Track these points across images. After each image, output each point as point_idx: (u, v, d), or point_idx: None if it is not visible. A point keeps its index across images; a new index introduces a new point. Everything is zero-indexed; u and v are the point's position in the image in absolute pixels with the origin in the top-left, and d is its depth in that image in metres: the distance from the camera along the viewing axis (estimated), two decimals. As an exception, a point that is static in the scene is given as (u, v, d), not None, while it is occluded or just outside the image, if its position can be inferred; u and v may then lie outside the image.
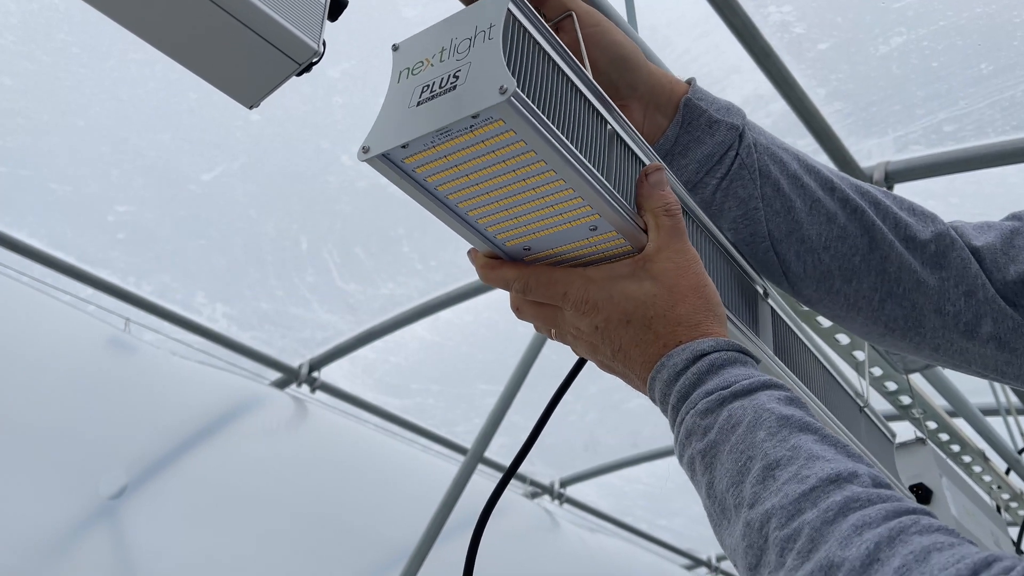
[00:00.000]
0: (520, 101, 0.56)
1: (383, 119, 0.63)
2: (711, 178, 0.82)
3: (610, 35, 0.80)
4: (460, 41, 0.61)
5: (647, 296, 0.67)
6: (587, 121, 0.66)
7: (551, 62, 0.64)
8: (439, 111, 0.59)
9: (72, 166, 2.11)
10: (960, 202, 2.14)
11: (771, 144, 0.84)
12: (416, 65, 0.63)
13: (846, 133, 1.92)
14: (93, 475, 2.26)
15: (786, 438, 0.55)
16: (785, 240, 0.83)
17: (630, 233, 0.68)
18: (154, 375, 2.50)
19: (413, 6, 1.79)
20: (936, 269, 0.86)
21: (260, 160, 2.16)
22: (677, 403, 0.63)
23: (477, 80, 0.58)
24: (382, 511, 3.01)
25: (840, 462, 0.52)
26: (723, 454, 0.57)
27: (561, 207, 0.65)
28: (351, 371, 2.97)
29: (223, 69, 0.57)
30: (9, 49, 1.83)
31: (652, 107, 0.82)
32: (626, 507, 4.09)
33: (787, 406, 0.58)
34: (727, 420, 0.58)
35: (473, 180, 0.63)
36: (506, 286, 0.72)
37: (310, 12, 0.58)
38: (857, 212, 0.85)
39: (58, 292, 2.33)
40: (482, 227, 0.68)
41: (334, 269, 2.53)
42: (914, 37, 1.69)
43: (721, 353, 0.63)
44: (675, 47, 1.86)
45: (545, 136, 0.59)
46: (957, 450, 1.91)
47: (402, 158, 0.62)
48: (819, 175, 0.85)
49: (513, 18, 0.61)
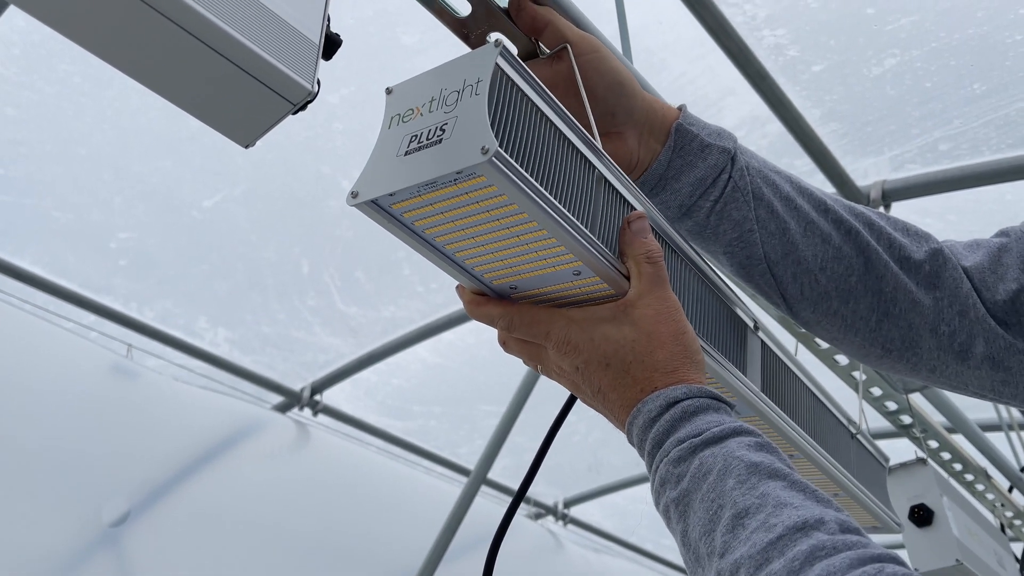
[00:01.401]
0: (501, 160, 0.58)
1: (372, 165, 0.64)
2: (705, 201, 0.83)
3: (607, 62, 0.81)
4: (449, 93, 0.62)
5: (626, 341, 0.68)
6: (574, 168, 0.68)
7: (538, 113, 0.65)
8: (425, 164, 0.60)
9: (74, 194, 2.13)
10: (958, 220, 2.15)
11: (763, 167, 0.85)
12: (407, 112, 0.65)
13: (842, 153, 1.93)
14: (96, 501, 2.26)
15: (755, 485, 0.55)
16: (781, 262, 0.84)
17: (612, 280, 0.69)
18: (156, 401, 2.50)
19: (411, 34, 1.81)
20: (931, 289, 0.87)
21: (261, 186, 2.17)
22: (652, 450, 0.64)
23: (462, 136, 0.59)
24: (385, 534, 3.00)
25: (808, 508, 0.53)
26: (695, 503, 0.58)
27: (545, 253, 0.66)
28: (353, 394, 2.97)
29: (218, 109, 0.58)
30: (12, 80, 1.85)
31: (647, 132, 0.83)
32: (630, 527, 4.07)
33: (756, 452, 0.59)
34: (698, 468, 0.59)
35: (459, 226, 0.65)
36: (491, 323, 0.74)
37: (304, 52, 0.59)
38: (852, 233, 0.85)
39: (61, 319, 2.34)
40: (469, 267, 0.70)
41: (335, 292, 2.54)
42: (907, 58, 1.71)
43: (694, 400, 0.64)
44: (671, 70, 1.88)
45: (527, 192, 0.60)
46: (959, 469, 1.90)
47: (390, 204, 0.64)
48: (812, 197, 0.86)
49: (501, 72, 0.62)
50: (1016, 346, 0.86)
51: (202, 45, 0.53)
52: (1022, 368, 0.87)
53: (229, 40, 0.54)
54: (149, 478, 2.42)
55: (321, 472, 2.94)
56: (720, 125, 0.87)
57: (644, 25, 1.73)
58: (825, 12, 1.66)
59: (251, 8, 0.56)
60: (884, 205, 1.98)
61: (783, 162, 2.02)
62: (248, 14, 0.55)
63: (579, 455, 3.42)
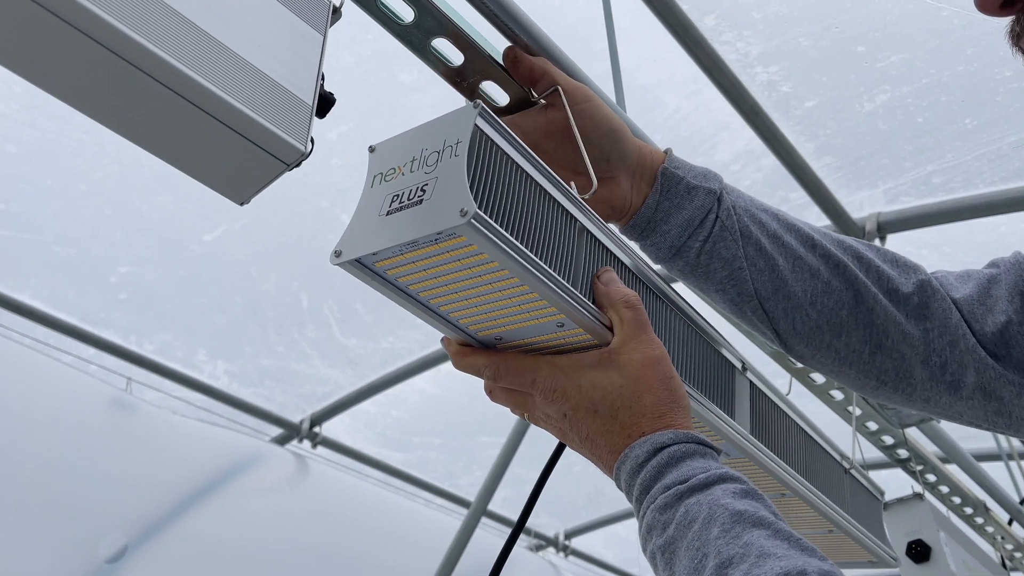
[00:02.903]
0: (480, 222, 0.59)
1: (355, 224, 0.65)
2: (694, 241, 0.85)
3: (601, 110, 0.84)
4: (429, 153, 0.63)
5: (613, 386, 0.68)
6: (555, 221, 0.69)
7: (518, 170, 0.66)
8: (406, 224, 0.61)
9: (75, 229, 2.14)
10: (953, 251, 2.16)
11: (750, 206, 0.87)
12: (389, 172, 0.66)
13: (837, 186, 1.95)
14: (93, 536, 2.25)
15: (739, 535, 0.56)
16: (772, 298, 0.85)
17: (595, 331, 0.70)
18: (155, 434, 2.50)
19: (408, 72, 1.83)
20: (920, 320, 0.87)
21: (260, 220, 2.19)
22: (640, 495, 0.64)
23: (442, 198, 0.60)
24: (385, 567, 2.98)
25: (791, 559, 0.53)
26: (680, 550, 0.58)
27: (528, 306, 0.67)
28: (352, 425, 2.97)
29: (213, 169, 0.60)
30: (13, 117, 1.88)
31: (638, 176, 0.85)
32: (632, 557, 4.04)
33: (741, 500, 0.59)
34: (684, 516, 0.59)
35: (442, 282, 0.65)
36: (478, 373, 0.74)
37: (297, 113, 0.60)
38: (840, 267, 0.87)
39: (60, 353, 2.35)
40: (454, 319, 0.70)
41: (334, 324, 2.55)
42: (899, 94, 1.73)
43: (680, 446, 0.64)
44: (666, 106, 1.90)
45: (507, 252, 0.61)
46: (958, 502, 1.90)
47: (373, 263, 0.64)
48: (800, 232, 0.88)
49: (480, 133, 0.63)
50: (1006, 376, 0.87)
51: (196, 109, 0.55)
52: (1014, 398, 0.88)
53: (222, 104, 0.55)
54: (147, 512, 2.41)
55: (321, 504, 2.93)
56: (714, 160, 0.89)
57: (638, 63, 1.75)
58: (816, 50, 1.69)
59: (244, 71, 0.57)
60: (880, 237, 1.99)
61: (777, 195, 2.03)
62: (241, 77, 0.57)
63: (579, 486, 3.41)
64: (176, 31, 0.53)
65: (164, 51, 0.51)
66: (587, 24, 1.58)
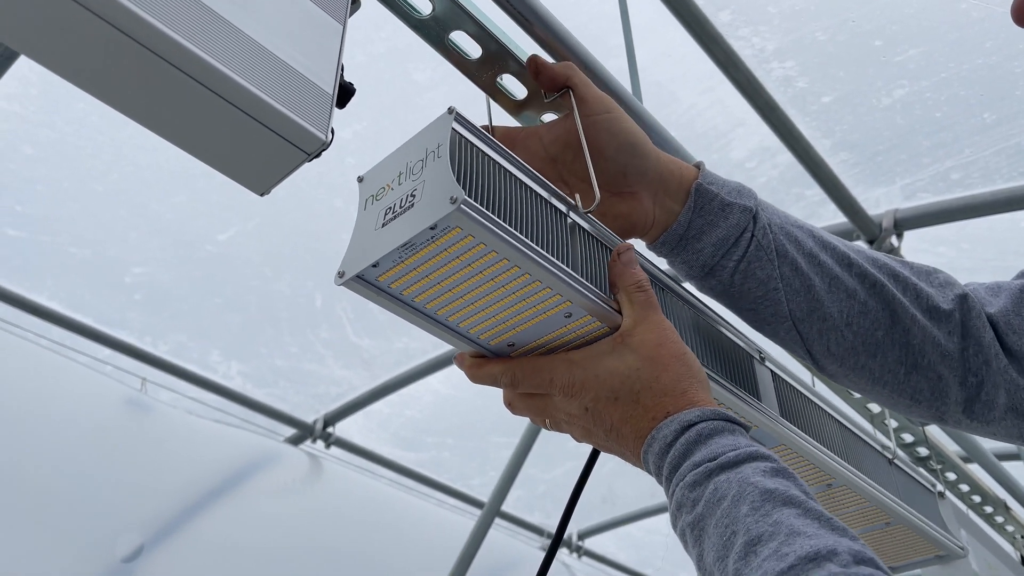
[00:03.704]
0: (470, 207, 0.60)
1: (354, 245, 0.66)
2: (728, 260, 0.83)
3: (620, 123, 0.81)
4: (414, 163, 0.65)
5: (630, 370, 0.67)
6: (543, 217, 0.69)
7: (501, 169, 0.68)
8: (401, 228, 0.63)
9: (91, 230, 2.15)
10: (972, 248, 2.14)
11: (785, 223, 0.85)
12: (379, 191, 0.67)
13: (853, 183, 1.93)
14: (109, 536, 2.26)
15: (769, 513, 0.55)
16: (807, 319, 0.84)
17: (602, 314, 0.70)
18: (170, 434, 2.50)
19: (423, 70, 1.83)
20: (960, 339, 0.86)
21: (274, 220, 2.19)
22: (669, 474, 0.63)
23: (431, 195, 0.62)
24: (399, 567, 2.98)
25: (821, 538, 0.52)
26: (709, 528, 0.58)
27: (533, 299, 0.67)
28: (366, 425, 2.97)
29: (233, 159, 0.59)
30: (30, 119, 1.89)
31: (662, 193, 0.83)
32: (645, 558, 4.03)
33: (772, 478, 0.58)
34: (713, 494, 0.59)
35: (446, 287, 0.66)
36: (495, 382, 0.73)
37: (318, 102, 0.60)
38: (876, 286, 0.85)
39: (76, 354, 2.36)
40: (464, 330, 0.70)
41: (348, 325, 2.55)
42: (916, 89, 1.71)
43: (708, 423, 0.63)
44: (681, 102, 1.89)
45: (500, 235, 0.62)
46: (978, 501, 1.88)
47: (375, 276, 0.65)
48: (836, 251, 0.86)
49: (458, 136, 0.65)
50: None
51: (217, 97, 0.54)
52: None
53: (243, 92, 0.55)
54: (163, 512, 2.41)
55: (334, 504, 2.93)
56: (729, 157, 0.88)
57: (653, 59, 1.75)
58: (833, 44, 1.67)
59: (265, 60, 0.57)
60: (897, 234, 1.97)
61: (793, 192, 2.02)
62: (262, 66, 0.56)
63: (593, 487, 3.39)
64: (196, 18, 0.53)
65: (185, 38, 0.51)
66: (601, 21, 1.58)
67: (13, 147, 1.93)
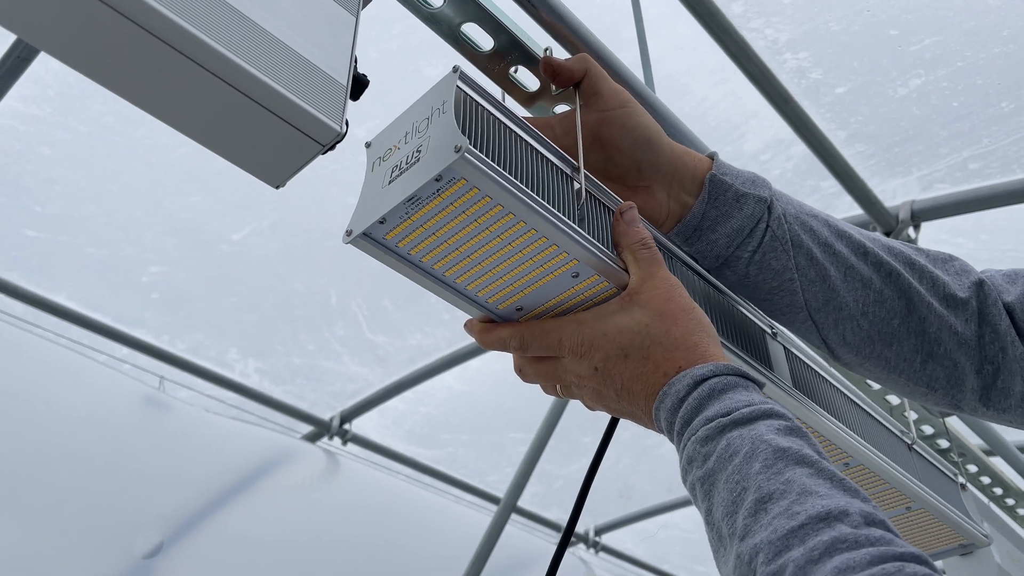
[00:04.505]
0: (474, 156, 0.61)
1: (362, 204, 0.67)
2: (743, 251, 0.83)
3: (635, 117, 0.81)
4: (420, 122, 0.66)
5: (639, 326, 0.67)
6: (547, 176, 0.70)
7: (504, 127, 0.68)
8: (407, 182, 0.63)
9: (107, 230, 2.17)
10: (991, 239, 2.12)
11: (800, 212, 0.85)
12: (386, 152, 0.68)
13: (869, 174, 1.92)
14: (129, 533, 2.27)
15: (781, 471, 0.54)
16: (822, 309, 0.83)
17: (609, 272, 0.70)
18: (189, 432, 2.52)
19: (434, 65, 1.83)
20: (977, 326, 0.85)
21: (289, 218, 2.20)
22: (680, 429, 0.63)
23: (436, 148, 0.62)
24: (415, 563, 2.99)
25: (833, 498, 0.52)
26: (720, 483, 0.57)
27: (539, 258, 0.67)
28: (381, 422, 2.98)
29: (248, 151, 0.60)
30: (47, 120, 1.90)
31: (676, 185, 0.83)
32: (663, 554, 4.02)
33: (785, 437, 0.58)
34: (725, 449, 0.58)
35: (453, 245, 0.66)
36: (504, 346, 0.74)
37: (332, 94, 0.60)
38: (892, 275, 0.84)
39: (95, 353, 2.38)
40: (472, 292, 0.71)
41: (363, 322, 2.56)
42: (933, 78, 1.70)
43: (722, 378, 0.63)
44: (693, 94, 1.88)
45: (504, 186, 0.62)
46: (1000, 493, 1.86)
47: (383, 234, 0.65)
48: (851, 240, 0.85)
49: (463, 94, 0.66)
50: None
51: (231, 89, 0.55)
52: None
53: (258, 84, 0.55)
54: (182, 509, 2.43)
55: (351, 500, 2.94)
56: (743, 149, 0.87)
57: (665, 51, 1.74)
58: (847, 34, 1.66)
59: (280, 52, 0.57)
60: (914, 226, 1.96)
61: (808, 184, 2.01)
62: (277, 58, 0.56)
63: (609, 481, 3.39)
64: (210, 10, 0.53)
65: (199, 30, 0.51)
66: (613, 14, 1.57)
67: (31, 148, 1.95)
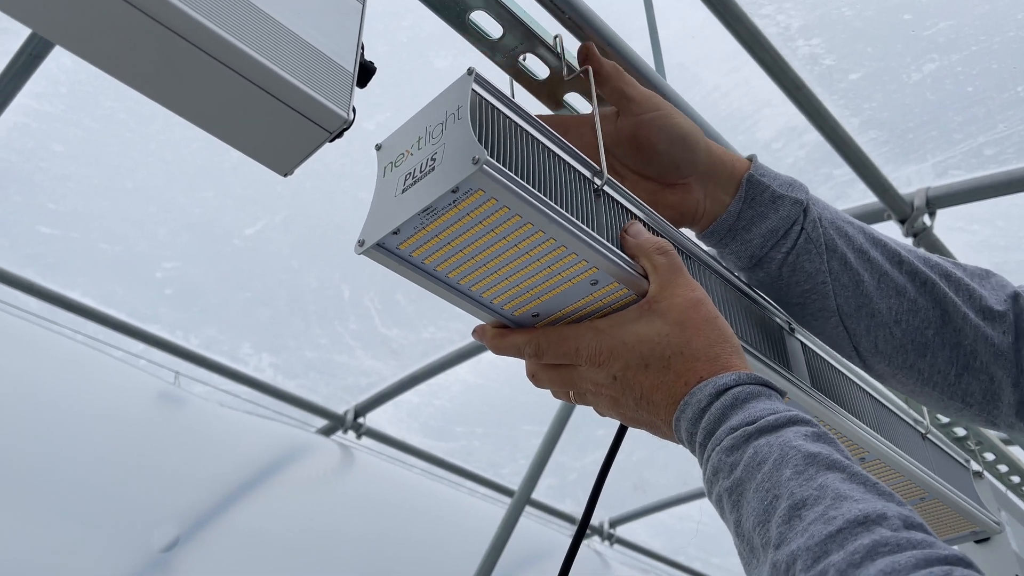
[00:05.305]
0: (492, 167, 0.58)
1: (374, 212, 0.65)
2: (776, 252, 0.83)
3: (670, 119, 0.81)
4: (434, 127, 0.64)
5: (659, 335, 0.66)
6: (567, 180, 0.68)
7: (521, 131, 0.66)
8: (422, 193, 0.61)
9: (121, 226, 2.18)
10: (1007, 225, 2.10)
11: (836, 218, 0.84)
12: (398, 157, 0.66)
13: (883, 161, 1.90)
14: (146, 527, 2.29)
15: (812, 476, 0.53)
16: (855, 315, 0.83)
17: (629, 280, 0.68)
18: (204, 426, 2.54)
19: (444, 57, 1.83)
20: (1014, 338, 0.85)
21: (301, 213, 2.21)
22: (704, 440, 0.62)
23: (452, 158, 0.60)
24: (431, 556, 3.00)
25: (869, 502, 0.50)
26: (749, 492, 0.56)
27: (557, 267, 0.65)
28: (395, 416, 2.98)
29: (256, 139, 0.60)
30: (60, 117, 1.91)
31: (712, 184, 0.83)
32: (678, 546, 4.01)
33: (814, 443, 0.57)
34: (752, 457, 0.57)
35: (468, 254, 0.64)
36: (519, 353, 0.72)
37: (339, 81, 0.60)
38: (927, 284, 0.84)
39: (111, 348, 2.40)
40: (487, 300, 0.69)
41: (376, 316, 2.56)
42: (947, 63, 1.68)
43: (744, 387, 0.62)
44: (704, 83, 1.87)
45: (523, 196, 0.60)
46: (1017, 481, 1.85)
47: (396, 244, 0.63)
48: (886, 248, 0.85)
49: (479, 97, 0.64)
50: None
51: (238, 76, 0.55)
52: None
53: (265, 71, 0.55)
54: (198, 503, 2.45)
55: (366, 494, 2.95)
56: (756, 138, 0.87)
57: (675, 40, 1.73)
58: (860, 20, 1.65)
59: (285, 39, 0.57)
60: (928, 213, 1.94)
61: (822, 172, 1.99)
62: (283, 45, 0.56)
63: (624, 474, 3.39)
64: (217, -2, 0.53)
65: (204, 17, 0.51)
66: (624, 2, 1.56)
67: (44, 146, 1.96)
